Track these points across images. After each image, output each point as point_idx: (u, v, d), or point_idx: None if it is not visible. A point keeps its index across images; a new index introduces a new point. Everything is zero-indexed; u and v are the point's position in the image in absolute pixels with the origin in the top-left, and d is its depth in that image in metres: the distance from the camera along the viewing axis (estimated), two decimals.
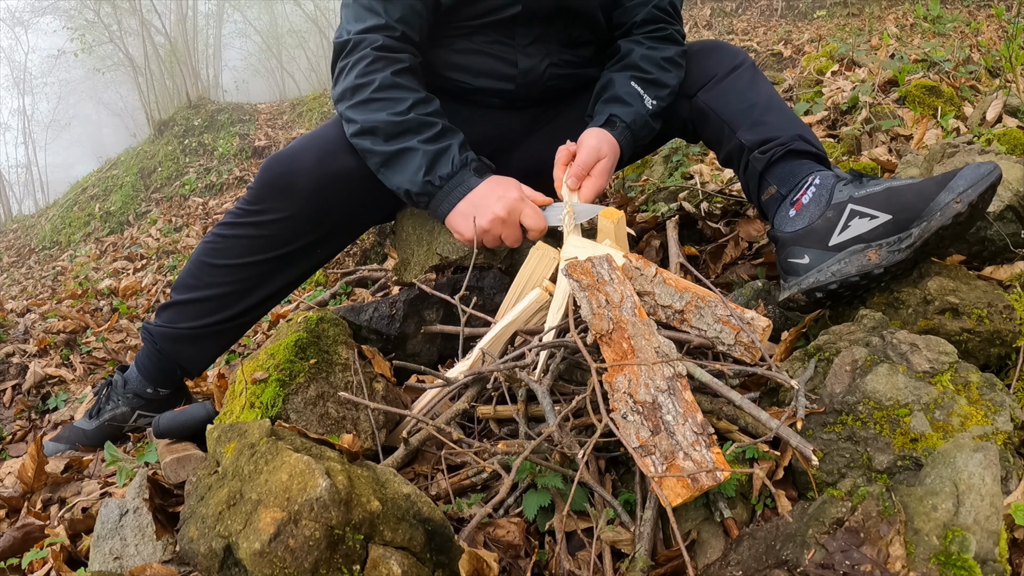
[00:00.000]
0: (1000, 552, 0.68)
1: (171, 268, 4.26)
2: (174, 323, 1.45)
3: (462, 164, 1.28)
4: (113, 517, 1.03)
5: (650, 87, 1.41)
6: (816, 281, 1.13)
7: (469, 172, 1.28)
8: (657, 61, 1.43)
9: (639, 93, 1.40)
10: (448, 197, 1.28)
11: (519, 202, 1.27)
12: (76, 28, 11.42)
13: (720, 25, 7.20)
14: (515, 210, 1.27)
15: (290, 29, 17.06)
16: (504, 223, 1.26)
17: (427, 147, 1.27)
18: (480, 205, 1.26)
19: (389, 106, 1.28)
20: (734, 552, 0.79)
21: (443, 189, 1.28)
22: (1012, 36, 2.17)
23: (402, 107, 1.28)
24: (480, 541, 0.90)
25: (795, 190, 1.24)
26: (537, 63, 1.45)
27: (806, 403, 0.90)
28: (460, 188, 1.27)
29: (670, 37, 1.47)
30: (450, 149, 1.28)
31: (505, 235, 1.28)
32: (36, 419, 2.14)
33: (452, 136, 1.30)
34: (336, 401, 1.15)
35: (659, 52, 1.44)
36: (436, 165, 1.27)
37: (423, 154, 1.27)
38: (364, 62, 1.31)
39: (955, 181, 1.06)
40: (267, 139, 7.09)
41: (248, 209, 1.36)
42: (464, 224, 1.28)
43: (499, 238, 1.29)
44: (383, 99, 1.28)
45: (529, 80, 1.47)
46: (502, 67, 1.44)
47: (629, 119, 1.39)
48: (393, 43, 1.33)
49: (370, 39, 1.32)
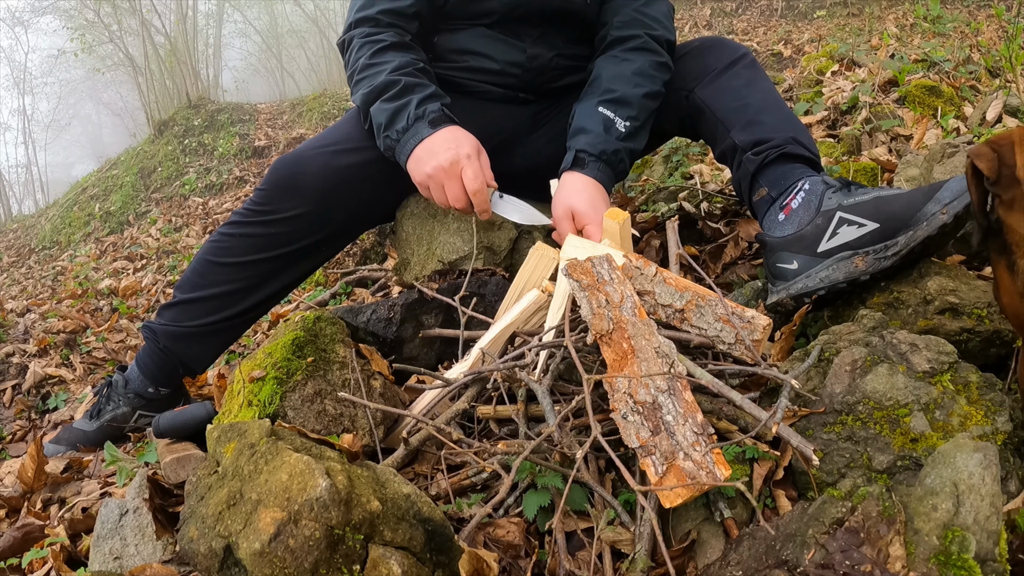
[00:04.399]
0: (1000, 552, 0.68)
1: (171, 268, 4.26)
2: (179, 321, 1.47)
3: (417, 117, 1.31)
4: (113, 517, 1.03)
5: (620, 107, 1.38)
6: (805, 287, 1.17)
7: (424, 124, 1.30)
8: (625, 76, 1.40)
9: (610, 118, 1.37)
10: (404, 148, 1.32)
11: (465, 158, 1.28)
12: (76, 28, 11.42)
13: (720, 25, 7.21)
14: (457, 163, 1.27)
15: (290, 29, 17.06)
16: (447, 173, 1.28)
17: (386, 105, 1.33)
18: (431, 151, 1.29)
19: (367, 81, 1.36)
20: (734, 552, 0.79)
21: (400, 142, 1.32)
22: (1012, 36, 2.17)
23: (378, 80, 1.34)
24: (480, 541, 0.90)
25: (785, 194, 1.25)
26: (544, 52, 1.48)
27: (804, 401, 0.90)
28: (414, 139, 1.30)
29: (644, 46, 1.43)
30: (408, 104, 1.31)
31: (448, 187, 1.29)
32: (36, 419, 2.14)
33: (416, 92, 1.33)
34: (334, 398, 1.15)
35: (628, 66, 1.41)
36: (394, 120, 1.32)
37: (383, 112, 1.32)
38: (354, 51, 1.42)
39: (941, 192, 1.08)
40: (267, 139, 7.09)
41: (256, 209, 1.39)
42: (414, 168, 1.31)
43: (442, 190, 1.30)
44: (363, 77, 1.38)
45: (536, 66, 1.49)
46: (511, 52, 1.47)
47: (597, 150, 1.35)
48: (377, 29, 1.41)
49: (359, 31, 1.43)
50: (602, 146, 1.35)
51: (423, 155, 1.29)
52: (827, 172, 1.47)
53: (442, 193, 1.31)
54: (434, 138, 1.29)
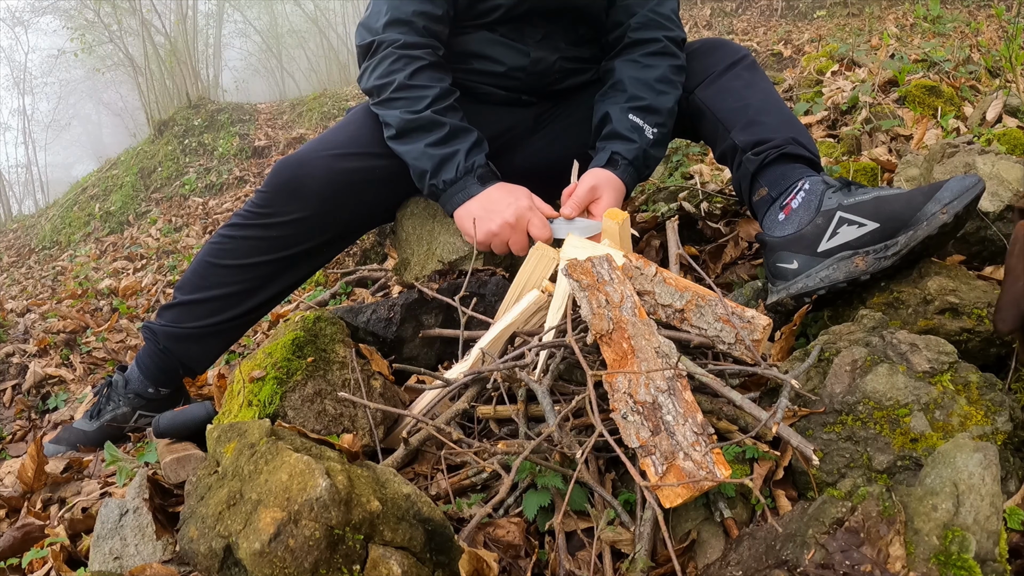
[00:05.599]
0: (1000, 552, 0.68)
1: (171, 268, 4.26)
2: (179, 322, 1.47)
3: (466, 171, 1.32)
4: (113, 517, 1.03)
5: (649, 115, 1.40)
6: (805, 286, 1.17)
7: (472, 179, 1.32)
8: (650, 84, 1.42)
9: (639, 125, 1.40)
10: (452, 199, 1.34)
11: (528, 211, 1.31)
12: (76, 28, 11.41)
13: (720, 25, 7.20)
14: (523, 218, 1.30)
15: (290, 29, 17.06)
16: (513, 229, 1.30)
17: (433, 151, 1.32)
18: (491, 209, 1.30)
19: (407, 104, 1.34)
20: (734, 552, 0.79)
21: (447, 192, 1.33)
22: (1012, 36, 2.17)
23: (419, 105, 1.33)
24: (480, 541, 0.90)
25: (785, 194, 1.26)
26: (547, 54, 1.49)
27: (804, 401, 0.90)
28: (462, 193, 1.32)
29: (664, 51, 1.45)
30: (456, 155, 1.32)
31: (512, 241, 1.32)
32: (36, 419, 2.14)
33: (462, 139, 1.34)
34: (334, 398, 1.15)
35: (651, 72, 1.42)
36: (441, 170, 1.32)
37: (429, 158, 1.32)
38: (387, 62, 1.37)
39: (941, 192, 1.08)
40: (267, 139, 7.08)
41: (257, 211, 1.39)
42: (471, 225, 1.31)
43: (506, 244, 1.32)
44: (401, 98, 1.35)
45: (540, 69, 1.49)
46: (515, 56, 1.47)
47: (631, 156, 1.39)
48: (414, 39, 1.38)
49: (391, 38, 1.38)
50: (636, 152, 1.39)
51: (484, 213, 1.31)
52: (827, 172, 1.47)
53: (505, 246, 1.33)
54: (490, 195, 1.31)
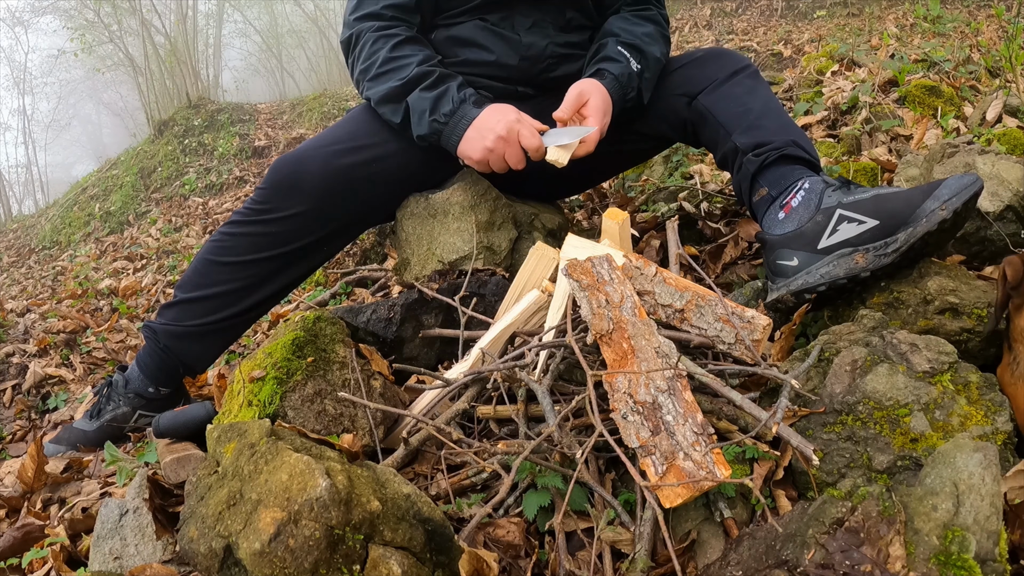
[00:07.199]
0: (1000, 552, 0.68)
1: (171, 268, 4.26)
2: (180, 321, 1.47)
3: (461, 100, 1.39)
4: (113, 517, 1.03)
5: (633, 52, 1.49)
6: (805, 283, 1.17)
7: (468, 105, 1.39)
8: (638, 34, 1.52)
9: (626, 55, 1.49)
10: (455, 130, 1.39)
11: (517, 123, 1.37)
12: (76, 28, 11.40)
13: (720, 25, 7.20)
14: (513, 130, 1.36)
15: (290, 29, 17.06)
16: (505, 141, 1.36)
17: (427, 94, 1.39)
18: (483, 128, 1.37)
19: (394, 73, 1.42)
20: (734, 552, 0.79)
21: (448, 125, 1.39)
22: (1012, 36, 2.16)
23: (408, 72, 1.41)
24: (480, 541, 0.90)
25: (785, 193, 1.27)
26: (538, 40, 1.54)
27: (804, 401, 0.90)
28: (463, 120, 1.38)
29: (652, 18, 1.58)
30: (448, 91, 1.40)
31: (508, 154, 1.37)
32: (36, 419, 2.14)
33: (450, 79, 1.43)
34: (334, 398, 1.15)
35: (639, 27, 1.55)
36: (438, 105, 1.39)
37: (425, 100, 1.39)
38: (368, 46, 1.46)
39: (940, 190, 1.09)
40: (267, 139, 7.08)
41: (256, 208, 1.41)
42: (471, 148, 1.38)
43: (503, 158, 1.38)
44: (388, 70, 1.43)
45: (531, 55, 1.54)
46: (505, 43, 1.53)
47: (617, 72, 1.46)
48: (387, 23, 1.47)
49: (366, 26, 1.47)
50: (621, 69, 1.47)
51: (477, 134, 1.37)
52: (827, 172, 1.48)
53: (502, 161, 1.38)
54: (483, 116, 1.38)
